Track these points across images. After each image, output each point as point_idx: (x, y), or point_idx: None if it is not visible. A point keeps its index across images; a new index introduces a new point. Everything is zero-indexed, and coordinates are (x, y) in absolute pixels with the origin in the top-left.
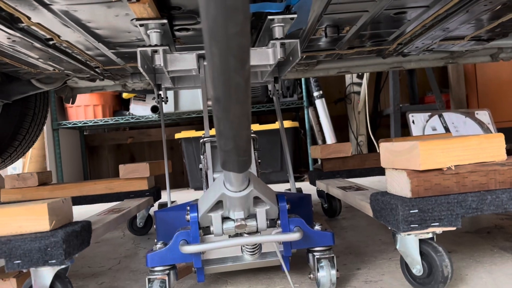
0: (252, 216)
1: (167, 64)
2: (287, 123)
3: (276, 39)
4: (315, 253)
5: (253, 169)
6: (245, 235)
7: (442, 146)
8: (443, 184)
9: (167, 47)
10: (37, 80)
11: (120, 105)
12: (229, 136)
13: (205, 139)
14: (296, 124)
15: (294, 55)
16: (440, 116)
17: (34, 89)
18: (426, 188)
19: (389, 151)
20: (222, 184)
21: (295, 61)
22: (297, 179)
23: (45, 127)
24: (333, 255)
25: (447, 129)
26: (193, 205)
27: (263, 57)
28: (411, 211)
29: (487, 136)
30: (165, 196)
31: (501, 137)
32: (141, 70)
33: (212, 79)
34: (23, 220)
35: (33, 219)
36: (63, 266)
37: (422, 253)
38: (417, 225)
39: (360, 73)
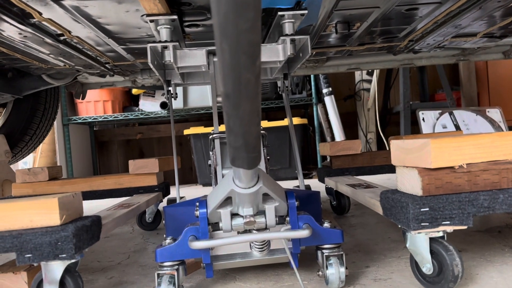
0: (261, 212)
1: (177, 60)
2: (296, 120)
3: (286, 35)
4: (324, 251)
5: (262, 165)
6: (254, 231)
7: (454, 144)
8: (455, 183)
9: (177, 43)
10: (48, 76)
11: (130, 101)
12: (238, 132)
13: (214, 135)
14: (305, 121)
15: (304, 51)
16: (451, 113)
17: (44, 84)
18: (437, 186)
19: (400, 148)
20: (231, 181)
21: (305, 57)
22: (306, 176)
23: (55, 122)
24: (342, 252)
25: (457, 127)
26: (202, 201)
27: (273, 53)
28: (422, 210)
29: (500, 134)
30: (174, 192)
31: None
32: (151, 66)
33: (222, 76)
34: (34, 214)
35: (43, 213)
36: (73, 261)
37: (432, 252)
38: (427, 224)
39: (370, 70)
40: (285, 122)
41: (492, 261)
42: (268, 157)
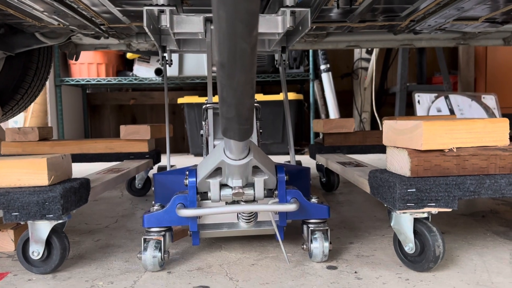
0: (250, 184)
1: (173, 26)
2: (292, 95)
3: (287, 6)
4: (309, 225)
5: (254, 138)
6: (242, 203)
7: (446, 127)
8: (443, 166)
9: (174, 8)
10: (41, 34)
11: (124, 65)
12: (231, 103)
13: (207, 105)
14: (300, 96)
15: (304, 24)
16: (446, 97)
17: (37, 42)
18: (425, 168)
19: (392, 129)
20: (222, 151)
21: (305, 31)
22: (298, 152)
23: (47, 83)
24: (327, 227)
25: (452, 111)
26: (192, 170)
27: (272, 24)
28: (408, 190)
29: (492, 120)
30: (164, 160)
31: (505, 122)
32: (147, 30)
33: (218, 44)
34: (22, 174)
35: (32, 173)
36: (60, 221)
37: (415, 232)
38: (413, 204)
39: (369, 49)
40: (280, 96)
41: (474, 244)
42: (260, 130)
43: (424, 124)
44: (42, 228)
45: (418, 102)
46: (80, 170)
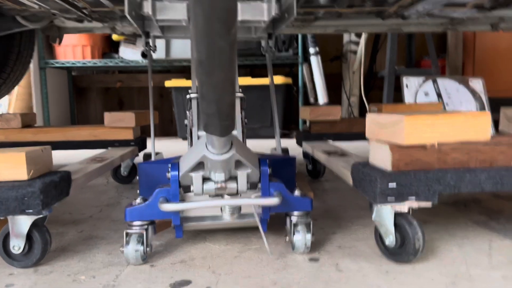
0: (233, 178)
1: (156, 13)
2: (280, 79)
3: None
4: (292, 217)
5: (238, 129)
6: (225, 196)
7: (427, 122)
8: (424, 160)
9: None
10: (22, 17)
11: (110, 47)
12: (211, 100)
13: (191, 95)
14: (289, 80)
15: (290, 12)
16: (434, 81)
17: (18, 26)
18: (407, 162)
19: (374, 122)
20: (204, 146)
21: (290, 18)
22: (286, 136)
23: (31, 66)
24: (310, 220)
25: (439, 95)
26: (175, 164)
27: (257, 12)
28: (389, 184)
29: (474, 114)
30: (150, 146)
31: (487, 115)
32: (128, 17)
33: (196, 42)
34: (1, 168)
35: (10, 167)
36: (40, 216)
37: (396, 225)
38: (393, 198)
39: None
40: (268, 80)
41: (454, 235)
42: (245, 120)
43: (406, 118)
44: (22, 223)
45: (406, 86)
46: (64, 157)
